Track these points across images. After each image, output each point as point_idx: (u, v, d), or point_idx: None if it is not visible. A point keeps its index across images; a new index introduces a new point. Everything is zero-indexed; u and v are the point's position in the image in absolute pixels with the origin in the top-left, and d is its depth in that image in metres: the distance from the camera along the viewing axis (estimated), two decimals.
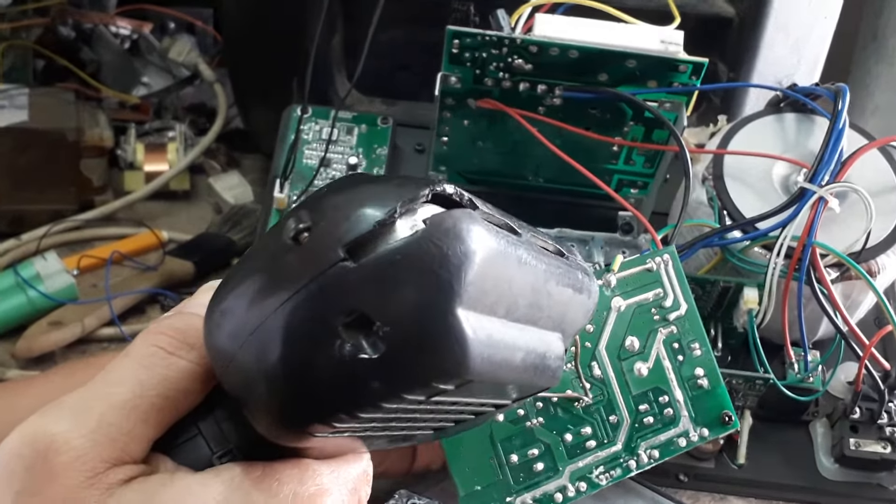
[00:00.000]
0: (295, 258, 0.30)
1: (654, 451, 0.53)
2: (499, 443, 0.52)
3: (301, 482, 0.35)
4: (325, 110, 0.78)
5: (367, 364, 0.29)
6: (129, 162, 0.91)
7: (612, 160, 0.72)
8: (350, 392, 0.30)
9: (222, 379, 0.34)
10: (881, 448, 0.64)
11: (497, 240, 0.31)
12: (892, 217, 0.66)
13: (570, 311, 0.38)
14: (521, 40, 0.63)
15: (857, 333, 0.62)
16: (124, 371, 0.35)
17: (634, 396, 0.54)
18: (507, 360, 0.32)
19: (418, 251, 0.29)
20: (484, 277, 0.30)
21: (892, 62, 0.92)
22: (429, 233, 0.29)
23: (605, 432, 0.53)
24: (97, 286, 0.79)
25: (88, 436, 0.33)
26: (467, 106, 0.68)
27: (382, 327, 0.29)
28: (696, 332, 0.55)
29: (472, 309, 0.30)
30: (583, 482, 0.52)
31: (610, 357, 0.54)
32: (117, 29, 0.99)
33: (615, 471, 0.53)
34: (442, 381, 0.30)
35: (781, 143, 0.69)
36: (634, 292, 0.55)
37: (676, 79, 0.65)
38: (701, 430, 0.54)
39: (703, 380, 0.54)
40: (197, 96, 1.03)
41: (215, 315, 0.33)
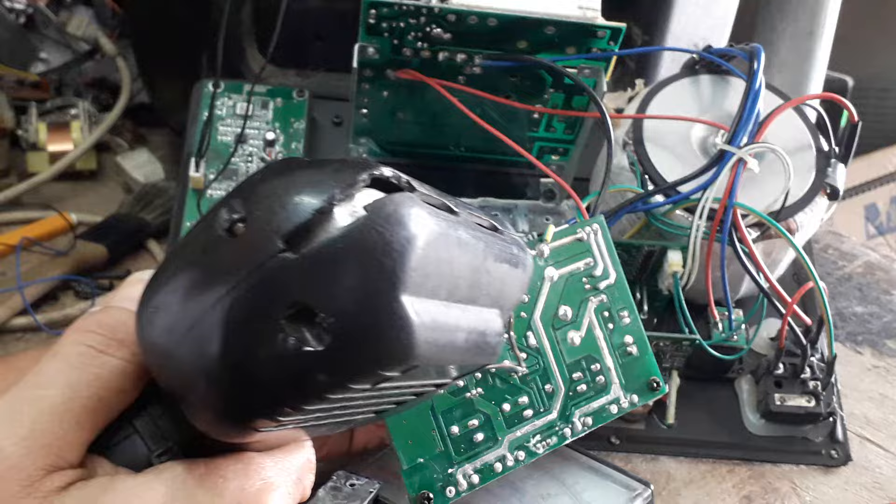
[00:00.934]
0: (231, 250, 0.29)
1: (588, 419, 0.54)
2: (440, 414, 0.52)
3: (246, 477, 0.35)
4: (238, 84, 0.76)
5: (311, 357, 0.28)
6: (32, 142, 0.87)
7: (533, 128, 0.72)
8: (295, 386, 0.29)
9: (158, 376, 0.33)
10: (805, 402, 0.65)
11: (437, 222, 0.31)
12: (809, 175, 0.67)
13: (507, 287, 0.37)
14: (440, 9, 0.62)
15: (778, 291, 0.63)
16: (53, 373, 0.34)
17: (568, 365, 0.54)
18: (451, 341, 0.32)
19: (360, 239, 0.28)
20: (426, 262, 0.30)
21: (795, 18, 0.94)
22: (370, 219, 0.28)
23: (542, 401, 0.54)
24: (6, 274, 0.76)
25: (21, 443, 0.32)
26: (386, 77, 0.67)
27: (326, 318, 0.28)
28: (625, 301, 0.55)
29: (416, 294, 0.29)
30: (521, 451, 0.53)
31: (544, 326, 0.54)
32: (11, 3, 0.95)
33: (551, 439, 0.53)
34: (389, 369, 0.30)
35: (698, 105, 0.70)
36: (566, 262, 0.55)
37: (595, 44, 0.65)
38: (631, 397, 0.55)
39: (631, 347, 0.55)
40: (98, 71, 0.99)
41: (148, 311, 0.32)
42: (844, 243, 0.88)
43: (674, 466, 0.66)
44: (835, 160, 0.68)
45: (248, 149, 0.74)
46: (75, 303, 0.75)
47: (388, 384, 0.31)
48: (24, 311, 0.72)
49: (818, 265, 0.83)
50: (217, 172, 0.71)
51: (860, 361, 0.76)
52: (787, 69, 0.95)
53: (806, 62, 0.93)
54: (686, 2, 0.81)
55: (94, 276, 0.77)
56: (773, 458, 0.67)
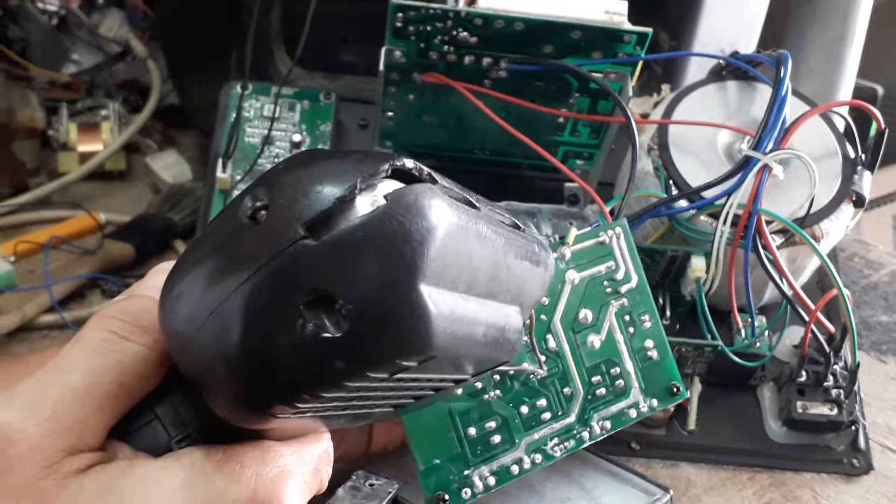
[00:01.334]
0: (253, 237, 0.30)
1: (606, 423, 0.54)
2: (457, 416, 0.52)
3: (263, 464, 0.35)
4: (266, 86, 0.76)
5: (330, 343, 0.28)
6: (63, 143, 0.88)
7: (558, 132, 0.72)
8: (313, 372, 0.29)
9: (180, 362, 0.33)
10: (828, 410, 0.65)
11: (458, 214, 0.31)
12: (835, 182, 0.67)
13: (527, 284, 0.38)
14: (466, 13, 0.62)
15: (802, 298, 0.63)
16: (77, 357, 0.35)
17: (588, 368, 0.54)
18: (469, 334, 0.32)
19: (380, 227, 0.29)
20: (446, 252, 0.30)
21: (825, 25, 0.93)
22: (390, 208, 0.29)
23: (560, 404, 0.54)
24: (35, 272, 0.77)
25: (43, 425, 0.33)
26: (412, 80, 0.67)
27: (345, 305, 0.28)
28: (647, 305, 0.55)
29: (435, 284, 0.30)
30: (538, 454, 0.53)
31: (564, 330, 0.54)
32: (44, 5, 0.96)
33: (569, 442, 0.53)
34: (406, 358, 0.30)
35: (724, 110, 0.70)
36: (588, 265, 0.55)
37: (621, 49, 0.65)
38: (650, 401, 0.54)
39: (652, 351, 0.55)
40: (129, 72, 1.00)
41: (171, 297, 0.32)
42: (871, 252, 0.88)
43: (694, 473, 0.66)
44: (861, 168, 0.68)
45: (274, 150, 0.74)
46: (102, 301, 0.76)
47: (405, 375, 0.31)
48: (52, 309, 0.73)
49: (844, 273, 0.83)
50: (244, 173, 0.72)
51: (884, 370, 0.76)
52: (816, 76, 0.94)
53: (835, 70, 0.92)
54: (714, 7, 0.81)
55: (122, 275, 0.78)
56: (795, 466, 0.66)
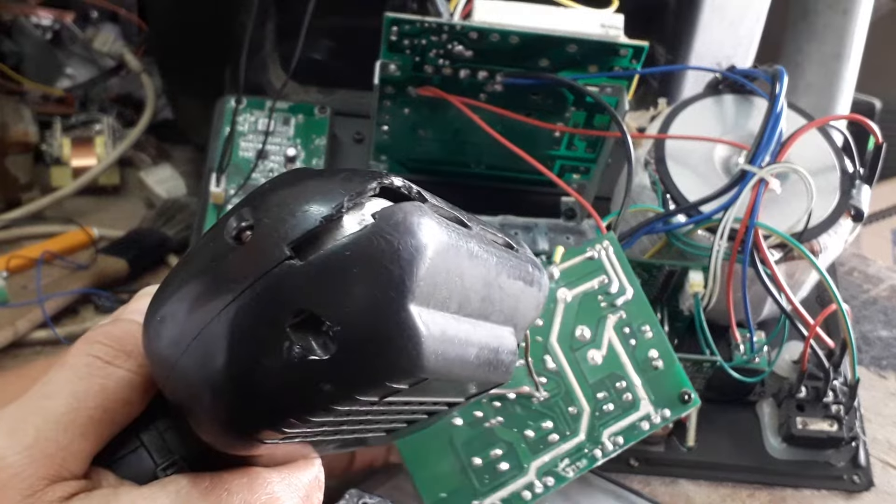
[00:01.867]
0: (237, 258, 0.29)
1: (619, 438, 0.53)
2: (459, 447, 0.51)
3: (251, 491, 0.34)
4: (260, 101, 0.76)
5: (317, 366, 0.28)
6: (56, 157, 0.88)
7: (554, 146, 0.72)
8: (300, 396, 0.29)
9: (164, 387, 0.32)
10: (827, 426, 0.64)
11: (448, 233, 0.30)
12: (833, 196, 0.66)
13: (521, 305, 0.37)
14: (461, 26, 0.62)
15: (801, 313, 0.62)
16: (60, 383, 0.34)
17: (591, 385, 0.53)
18: (461, 356, 0.32)
19: (368, 246, 0.28)
20: (436, 272, 0.29)
21: (822, 40, 0.93)
22: (378, 227, 0.28)
23: (567, 424, 0.53)
24: (27, 288, 0.77)
25: (24, 452, 0.32)
26: (407, 94, 0.67)
27: (332, 327, 0.28)
28: (646, 315, 0.55)
29: (425, 305, 0.29)
30: (550, 477, 0.52)
31: (562, 348, 0.53)
32: (38, 19, 0.96)
33: (581, 462, 0.52)
34: (396, 381, 0.29)
35: (721, 124, 0.69)
36: (579, 281, 0.55)
37: (617, 63, 0.65)
38: (662, 412, 0.54)
39: (657, 361, 0.54)
40: (123, 87, 1.00)
41: (155, 320, 0.31)
42: (870, 266, 0.87)
43: (693, 490, 0.65)
44: (859, 182, 0.67)
45: (269, 164, 0.74)
46: (95, 317, 0.75)
47: (396, 398, 0.31)
48: (45, 325, 0.73)
49: (843, 288, 0.82)
50: (238, 188, 0.71)
51: (884, 386, 0.75)
52: (814, 91, 0.94)
53: (833, 84, 0.92)
54: (710, 21, 0.80)
55: (115, 291, 0.77)
56: (795, 483, 0.66)
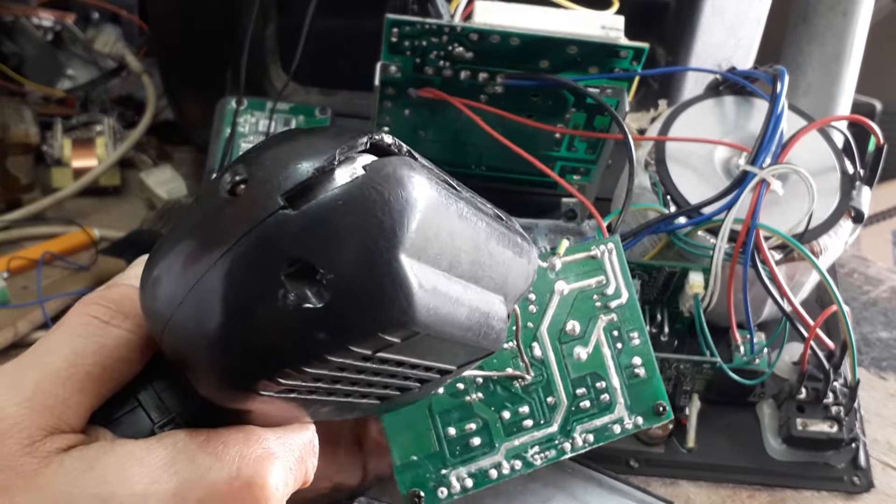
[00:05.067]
0: (232, 210, 0.30)
1: (589, 436, 0.53)
2: (437, 415, 0.51)
3: (247, 445, 0.35)
4: (261, 102, 0.76)
5: (311, 314, 0.28)
6: (57, 158, 0.88)
7: (555, 147, 0.72)
8: (296, 344, 0.29)
9: (162, 343, 0.33)
10: (827, 427, 0.64)
11: (438, 190, 0.31)
12: (833, 198, 0.66)
13: (511, 274, 0.37)
14: (462, 28, 0.62)
15: (801, 314, 0.62)
16: (59, 340, 0.35)
17: (573, 380, 0.53)
18: (452, 314, 0.32)
19: (359, 197, 0.29)
20: (426, 226, 0.30)
21: (822, 42, 0.93)
22: (369, 178, 0.29)
23: (543, 413, 0.53)
24: (28, 288, 0.77)
25: (24, 404, 0.33)
26: (408, 95, 0.67)
27: (326, 275, 0.28)
28: (636, 322, 0.55)
29: (416, 258, 0.30)
30: (518, 461, 0.52)
31: (551, 339, 0.53)
32: (39, 21, 0.96)
33: (550, 451, 0.52)
34: (388, 332, 0.30)
35: (721, 126, 0.69)
36: (578, 277, 0.55)
37: (617, 64, 0.65)
38: (635, 419, 0.54)
39: (640, 369, 0.54)
40: (124, 88, 1.00)
41: (151, 278, 0.32)
42: (870, 268, 0.87)
43: (693, 491, 0.65)
44: (860, 183, 0.67)
45: None
46: None
47: (389, 356, 0.31)
48: (45, 325, 0.73)
49: (843, 289, 0.82)
50: None
51: (884, 387, 0.75)
52: (814, 92, 0.94)
53: (833, 86, 0.92)
54: (711, 23, 0.80)
55: None
56: (795, 484, 0.66)
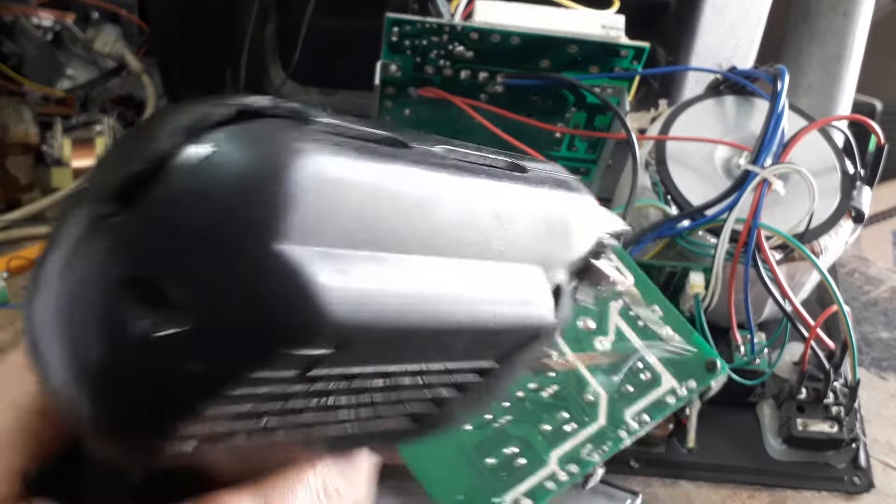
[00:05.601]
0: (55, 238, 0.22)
1: (644, 416, 0.51)
2: (470, 450, 0.49)
3: None
4: None
5: (175, 343, 0.21)
6: (56, 158, 0.88)
7: (555, 147, 0.72)
8: (170, 383, 0.22)
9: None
10: (828, 427, 0.64)
11: (333, 152, 0.23)
12: (834, 198, 0.66)
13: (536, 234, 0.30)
14: (462, 27, 0.62)
15: (802, 314, 0.62)
16: None
17: (604, 370, 0.52)
18: (399, 302, 0.25)
19: (204, 180, 0.22)
20: (320, 201, 0.22)
21: (823, 42, 0.93)
22: (219, 156, 0.22)
23: (584, 412, 0.51)
24: (27, 288, 0.76)
25: None
26: (408, 95, 0.67)
27: (179, 292, 0.21)
28: (651, 295, 0.54)
29: (309, 243, 0.22)
30: (573, 464, 0.50)
31: (566, 342, 0.53)
32: (39, 20, 0.96)
33: (605, 445, 0.51)
34: (293, 346, 0.22)
35: (722, 126, 0.69)
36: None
37: (618, 64, 0.65)
38: (688, 383, 0.52)
39: (673, 335, 0.53)
40: (124, 88, 1.00)
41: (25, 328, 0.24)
42: (871, 268, 0.87)
43: (693, 491, 0.65)
44: (860, 183, 0.67)
45: None
46: None
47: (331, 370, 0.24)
48: None
49: (844, 289, 0.82)
50: None
51: (885, 387, 0.75)
52: (815, 92, 0.94)
53: (834, 86, 0.92)
54: (711, 23, 0.80)
55: None
56: (795, 484, 0.66)
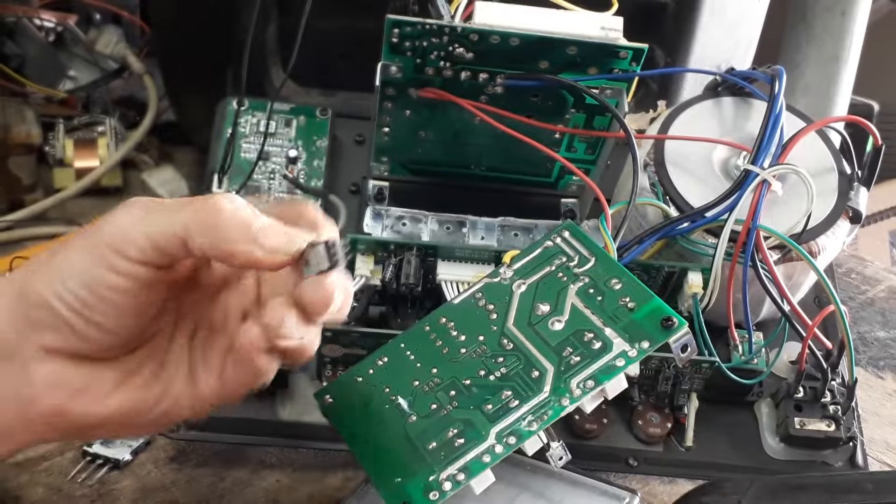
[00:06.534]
0: None
1: (589, 381, 0.49)
2: (414, 438, 0.50)
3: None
4: (262, 102, 0.76)
5: None
6: (59, 158, 0.88)
7: (554, 148, 0.72)
8: None
9: None
10: (825, 426, 0.65)
11: None
12: (831, 198, 0.67)
13: None
14: (462, 28, 0.62)
15: (799, 314, 0.63)
16: None
17: (554, 347, 0.51)
18: None
19: None
20: None
21: (821, 43, 0.94)
22: None
23: (528, 388, 0.50)
24: None
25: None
26: (408, 95, 0.67)
27: None
28: (613, 271, 0.53)
29: None
30: (511, 436, 0.49)
31: (520, 328, 0.53)
32: (41, 21, 0.96)
33: (546, 413, 0.49)
34: None
35: (720, 127, 0.70)
36: (535, 270, 0.55)
37: (617, 65, 0.65)
38: (640, 344, 0.50)
39: (630, 303, 0.51)
40: (126, 89, 1.01)
41: None
42: (868, 268, 0.88)
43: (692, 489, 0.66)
44: (857, 184, 0.68)
45: (270, 166, 0.74)
46: None
47: None
48: None
49: (841, 289, 0.83)
50: (238, 188, 0.72)
51: (882, 386, 0.75)
52: (812, 93, 0.95)
53: (831, 87, 0.93)
54: (709, 24, 0.81)
55: None
56: None
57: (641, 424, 0.66)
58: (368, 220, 0.72)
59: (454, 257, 0.64)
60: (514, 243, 0.71)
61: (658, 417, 0.66)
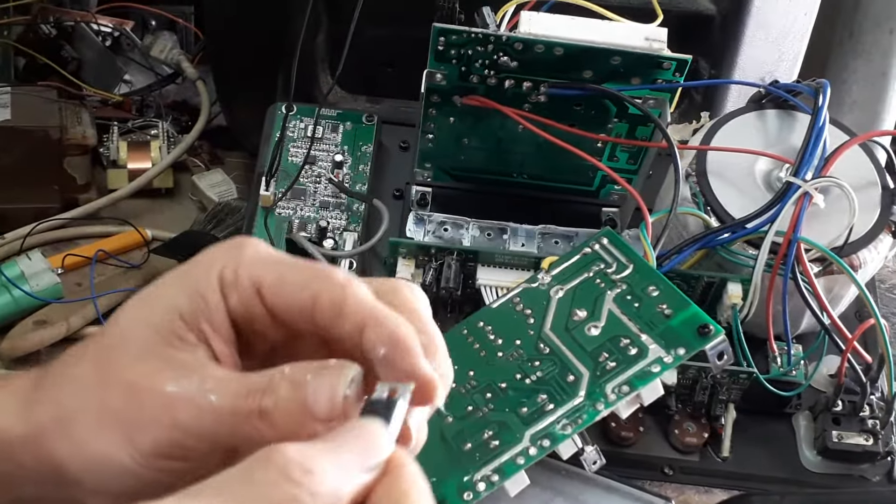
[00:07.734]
0: None
1: (624, 387, 0.50)
2: (450, 439, 0.51)
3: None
4: (310, 108, 0.78)
5: None
6: (113, 160, 0.90)
7: (597, 157, 0.72)
8: None
9: None
10: (863, 440, 0.64)
11: None
12: (874, 212, 0.67)
13: None
14: (507, 37, 0.63)
15: (839, 327, 0.63)
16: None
17: (591, 352, 0.52)
18: None
19: None
20: None
21: (869, 58, 0.93)
22: None
23: (564, 392, 0.51)
24: (81, 285, 0.79)
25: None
26: (453, 103, 0.68)
27: None
28: (651, 278, 0.53)
29: None
30: (546, 439, 0.50)
31: (557, 333, 0.53)
32: (99, 26, 0.99)
33: (581, 418, 0.50)
34: None
35: (763, 139, 0.70)
36: (574, 276, 0.56)
37: (660, 75, 0.65)
38: (676, 351, 0.50)
39: (668, 310, 0.51)
40: (180, 94, 1.03)
41: None
42: None
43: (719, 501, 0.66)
44: None
45: (316, 170, 0.75)
46: None
47: None
48: (97, 321, 0.75)
49: (883, 304, 0.82)
50: (285, 191, 0.73)
51: None
52: (859, 108, 0.94)
53: (879, 102, 0.92)
54: (754, 37, 0.81)
55: None
56: None
57: (678, 433, 0.66)
58: (411, 225, 0.73)
59: (494, 263, 0.65)
60: (555, 251, 0.72)
61: (695, 427, 0.66)
